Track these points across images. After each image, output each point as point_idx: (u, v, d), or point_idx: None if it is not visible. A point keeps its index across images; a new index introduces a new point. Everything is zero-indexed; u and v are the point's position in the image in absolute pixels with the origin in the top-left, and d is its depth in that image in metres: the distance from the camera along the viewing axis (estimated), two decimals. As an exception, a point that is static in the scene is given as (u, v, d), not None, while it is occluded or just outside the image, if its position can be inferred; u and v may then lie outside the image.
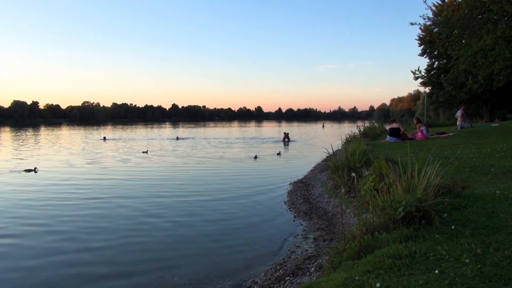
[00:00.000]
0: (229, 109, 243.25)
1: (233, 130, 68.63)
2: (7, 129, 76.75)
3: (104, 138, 39.43)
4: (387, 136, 16.48)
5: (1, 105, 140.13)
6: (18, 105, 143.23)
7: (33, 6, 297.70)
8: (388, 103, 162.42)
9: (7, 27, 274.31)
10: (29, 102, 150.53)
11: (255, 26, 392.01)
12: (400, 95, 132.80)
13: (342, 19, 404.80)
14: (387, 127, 19.02)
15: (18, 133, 55.72)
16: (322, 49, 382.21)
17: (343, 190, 4.37)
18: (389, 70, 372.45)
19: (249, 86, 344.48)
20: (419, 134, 15.87)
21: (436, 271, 3.00)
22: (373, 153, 10.51)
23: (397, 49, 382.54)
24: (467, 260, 3.12)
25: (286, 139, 34.21)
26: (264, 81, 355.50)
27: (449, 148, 10.86)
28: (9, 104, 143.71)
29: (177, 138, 39.67)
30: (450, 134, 16.60)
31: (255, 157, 21.49)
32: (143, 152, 24.72)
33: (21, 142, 37.06)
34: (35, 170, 16.25)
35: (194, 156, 23.21)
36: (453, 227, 3.97)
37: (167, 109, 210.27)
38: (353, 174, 4.63)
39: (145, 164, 19.21)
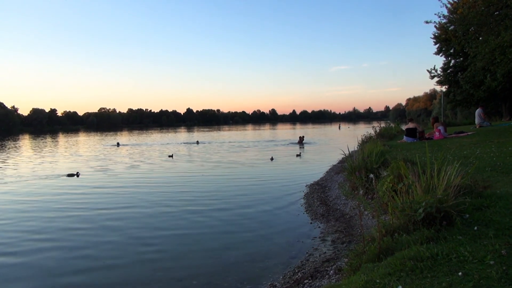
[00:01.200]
0: (243, 112, 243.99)
1: (249, 133, 68.69)
2: (27, 136, 78.37)
3: (118, 144, 39.85)
4: (404, 136, 16.26)
5: (21, 113, 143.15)
6: (37, 113, 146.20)
7: (48, 15, 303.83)
8: (403, 103, 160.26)
9: (24, 36, 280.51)
10: (47, 110, 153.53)
11: (267, 28, 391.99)
12: (416, 95, 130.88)
13: (355, 20, 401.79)
14: (404, 127, 18.77)
15: (39, 140, 56.82)
16: (335, 50, 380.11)
17: (361, 192, 4.31)
18: (404, 69, 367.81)
19: (263, 89, 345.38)
20: (437, 133, 15.61)
21: (460, 273, 2.94)
22: (390, 153, 10.38)
23: (412, 48, 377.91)
24: (491, 262, 3.05)
25: (301, 142, 34.27)
26: (277, 84, 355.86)
27: (468, 147, 10.66)
28: (28, 112, 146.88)
29: (197, 142, 40.12)
30: (469, 133, 16.29)
31: (271, 159, 21.74)
32: (169, 156, 25.50)
33: (43, 148, 37.79)
34: (77, 175, 17.09)
35: (214, 159, 23.33)
36: (475, 228, 3.89)
37: (182, 114, 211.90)
38: (371, 175, 4.56)
39: (170, 169, 19.38)
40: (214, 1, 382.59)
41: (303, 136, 36.20)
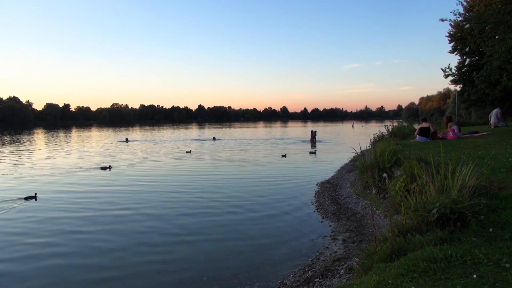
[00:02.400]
0: (255, 109, 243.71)
1: (260, 130, 68.72)
2: (41, 131, 79.41)
3: (126, 139, 40.09)
4: (417, 135, 16.08)
5: (35, 107, 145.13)
6: (51, 108, 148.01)
7: (63, 11, 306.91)
8: (416, 102, 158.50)
9: (38, 32, 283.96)
10: (61, 105, 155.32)
11: (278, 25, 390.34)
12: (430, 94, 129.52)
13: (368, 18, 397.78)
14: (417, 126, 18.55)
15: (54, 135, 57.53)
16: (348, 48, 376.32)
17: (374, 191, 4.26)
18: (417, 68, 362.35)
19: (274, 87, 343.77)
20: (451, 133, 15.40)
21: (475, 276, 2.89)
22: (403, 153, 10.27)
23: (426, 47, 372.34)
24: (507, 265, 2.99)
25: (314, 139, 34.18)
26: (289, 81, 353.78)
27: (483, 148, 10.49)
28: (42, 107, 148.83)
29: (214, 139, 40.60)
30: (484, 133, 16.04)
31: (284, 156, 21.99)
32: (187, 152, 25.80)
33: (62, 143, 38.31)
34: (109, 168, 17.85)
35: (227, 156, 23.39)
36: (491, 229, 3.82)
37: (193, 110, 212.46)
38: (385, 175, 4.51)
39: (187, 165, 19.48)
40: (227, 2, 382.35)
41: (315, 131, 35.91)
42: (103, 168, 17.82)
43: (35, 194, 11.56)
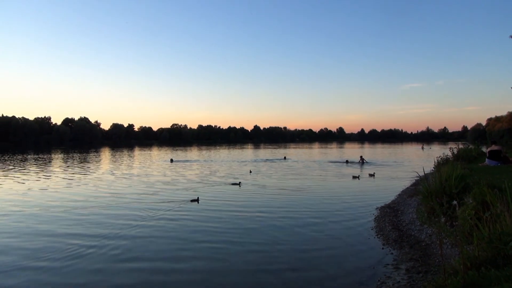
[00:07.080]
0: (310, 130, 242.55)
1: (318, 151, 67.99)
2: (107, 149, 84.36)
3: (171, 160, 40.98)
4: (486, 159, 15.09)
5: (103, 127, 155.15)
6: (116, 128, 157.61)
7: (123, 41, 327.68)
8: (484, 123, 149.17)
9: (108, 61, 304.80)
10: (125, 125, 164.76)
11: (335, 44, 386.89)
12: (498, 114, 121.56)
13: (428, 35, 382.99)
14: (486, 149, 17.41)
15: (125, 153, 60.82)
16: (407, 67, 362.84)
17: (443, 219, 4.02)
18: (484, 87, 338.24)
19: (330, 107, 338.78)
20: (525, 157, 14.28)
21: None
22: (471, 178, 9.63)
23: (494, 64, 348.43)
24: None
25: (362, 161, 35.07)
26: (345, 102, 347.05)
27: None
28: (109, 127, 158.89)
29: (285, 158, 43.14)
30: None
31: (357, 177, 22.30)
32: (250, 172, 26.66)
33: (144, 160, 40.48)
34: (239, 184, 19.48)
35: (291, 176, 23.37)
36: None
37: (249, 131, 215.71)
38: (455, 202, 4.24)
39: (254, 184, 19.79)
40: (283, 22, 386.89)
41: (361, 156, 36.57)
42: (234, 184, 19.50)
43: (198, 198, 14.60)
